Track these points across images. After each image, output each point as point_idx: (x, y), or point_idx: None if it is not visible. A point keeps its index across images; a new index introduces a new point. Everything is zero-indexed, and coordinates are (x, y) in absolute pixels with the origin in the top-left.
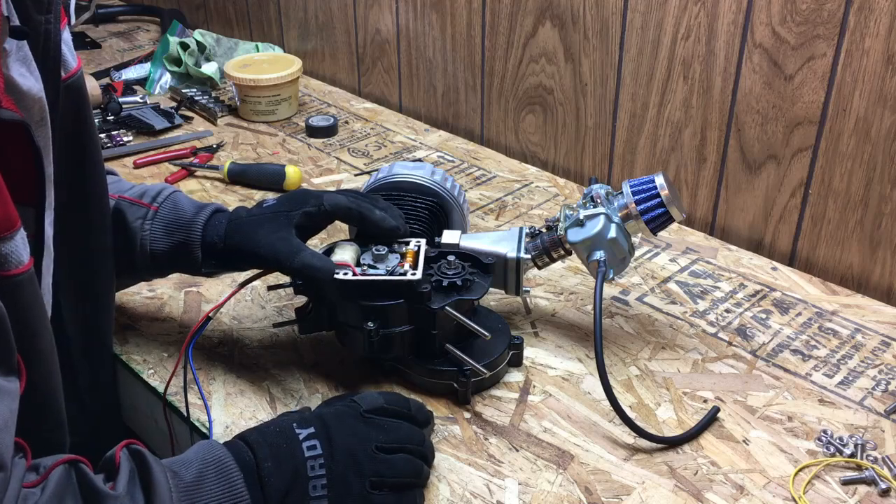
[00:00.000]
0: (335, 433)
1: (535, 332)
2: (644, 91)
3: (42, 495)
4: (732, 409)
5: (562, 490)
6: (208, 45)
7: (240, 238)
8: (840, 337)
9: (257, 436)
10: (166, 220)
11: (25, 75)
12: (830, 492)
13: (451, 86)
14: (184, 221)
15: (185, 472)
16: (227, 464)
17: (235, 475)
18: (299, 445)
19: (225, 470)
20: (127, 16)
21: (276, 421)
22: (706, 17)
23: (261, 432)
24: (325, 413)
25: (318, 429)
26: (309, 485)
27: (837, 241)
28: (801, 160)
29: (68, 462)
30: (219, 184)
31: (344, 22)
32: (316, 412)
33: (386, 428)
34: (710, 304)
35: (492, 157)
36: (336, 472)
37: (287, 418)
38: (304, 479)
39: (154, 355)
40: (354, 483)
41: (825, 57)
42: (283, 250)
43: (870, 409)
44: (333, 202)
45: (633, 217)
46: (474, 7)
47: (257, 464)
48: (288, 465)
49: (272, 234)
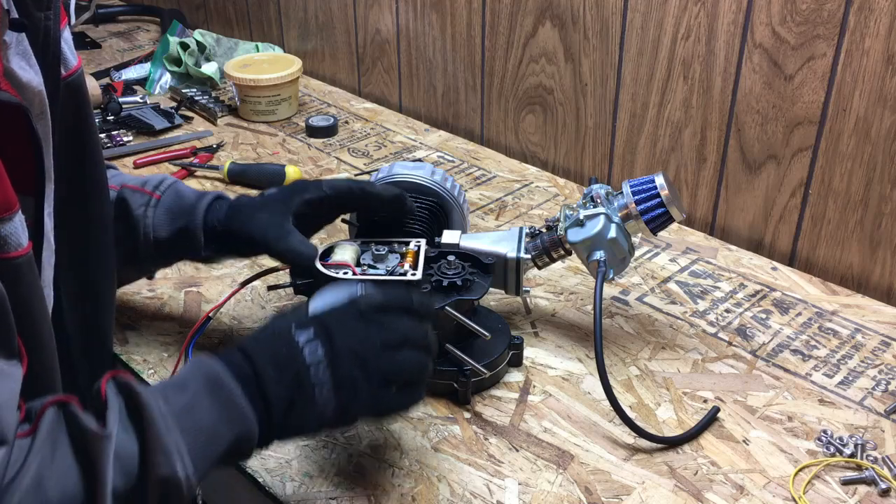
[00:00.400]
0: (336, 334)
1: (535, 332)
2: (644, 91)
3: (34, 444)
4: (732, 409)
5: (562, 490)
6: (208, 45)
7: (238, 222)
8: (840, 337)
9: (253, 344)
10: (169, 206)
11: (25, 68)
12: (830, 492)
13: (451, 86)
14: (186, 207)
15: (179, 396)
16: (224, 379)
17: (234, 390)
18: (300, 350)
19: (222, 386)
20: (127, 16)
21: (270, 325)
22: (706, 17)
23: (257, 340)
24: (324, 315)
25: (318, 331)
26: (315, 391)
27: (837, 241)
28: (801, 160)
29: (56, 404)
30: (219, 184)
31: (344, 22)
32: (312, 314)
33: (388, 325)
34: (710, 304)
35: (492, 157)
36: (341, 374)
37: (282, 321)
38: (308, 385)
39: (154, 355)
40: (361, 384)
41: (825, 57)
42: (272, 234)
43: (870, 409)
44: (332, 184)
45: (633, 217)
46: (474, 7)
47: (256, 374)
48: (290, 371)
49: (267, 218)
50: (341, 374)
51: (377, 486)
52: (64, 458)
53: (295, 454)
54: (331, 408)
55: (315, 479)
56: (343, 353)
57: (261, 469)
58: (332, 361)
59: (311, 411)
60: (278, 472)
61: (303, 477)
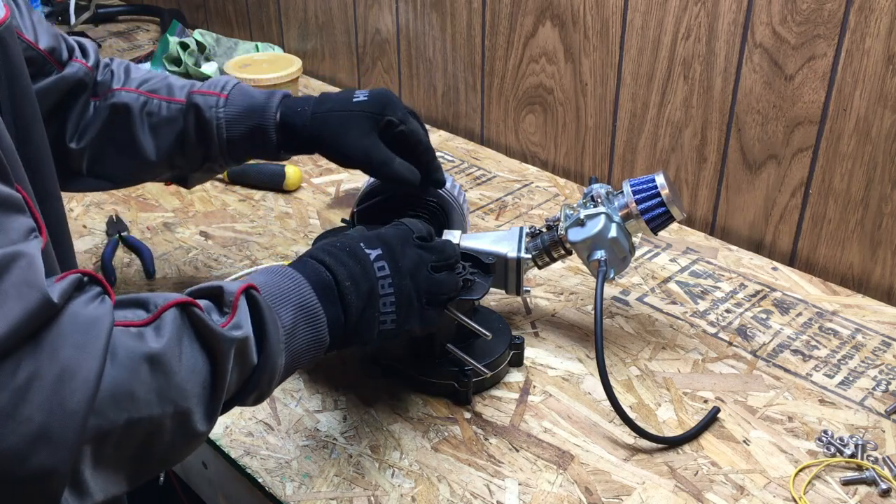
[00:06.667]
0: (399, 255)
1: (536, 332)
2: (644, 91)
3: (159, 337)
4: (733, 410)
5: (562, 490)
6: (208, 45)
7: (327, 132)
8: (840, 337)
9: (333, 260)
10: (238, 105)
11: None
12: (831, 492)
13: (451, 86)
14: (257, 106)
15: (285, 316)
16: (316, 311)
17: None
18: (371, 266)
19: (314, 316)
20: (127, 16)
21: (341, 242)
22: (706, 16)
23: (334, 256)
24: (386, 235)
25: (385, 251)
26: (380, 301)
27: (838, 241)
28: (801, 160)
29: (178, 305)
30: (219, 184)
31: (344, 22)
32: (375, 233)
33: (434, 250)
34: (711, 304)
35: (492, 157)
36: (401, 290)
37: (350, 239)
38: (377, 296)
39: None
40: (414, 300)
41: (825, 57)
42: (375, 156)
43: (870, 409)
44: (413, 128)
45: (634, 216)
46: (474, 7)
47: (338, 283)
48: (364, 285)
49: (363, 137)
50: (401, 291)
51: (377, 486)
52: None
53: (295, 454)
54: (390, 319)
55: (315, 479)
56: (403, 272)
57: (261, 469)
58: (395, 278)
59: (376, 319)
60: (278, 472)
61: (303, 477)
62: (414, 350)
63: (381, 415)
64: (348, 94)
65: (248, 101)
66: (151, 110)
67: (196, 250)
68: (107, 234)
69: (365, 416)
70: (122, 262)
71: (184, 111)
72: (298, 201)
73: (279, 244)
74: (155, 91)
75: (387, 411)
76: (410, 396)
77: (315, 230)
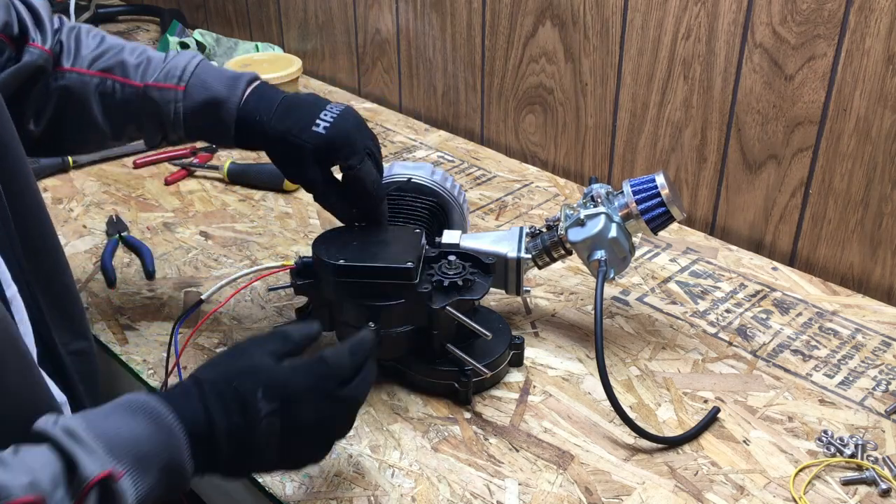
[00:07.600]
0: (299, 413)
1: (536, 332)
2: (644, 91)
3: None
4: (733, 410)
5: (562, 490)
6: (208, 45)
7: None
8: (840, 337)
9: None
10: (196, 100)
11: None
12: (831, 492)
13: (451, 86)
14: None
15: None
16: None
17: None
18: (258, 423)
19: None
20: (127, 16)
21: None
22: (706, 16)
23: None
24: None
25: (284, 407)
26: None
27: (838, 241)
28: (801, 160)
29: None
30: (219, 184)
31: (344, 22)
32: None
33: (350, 403)
34: (711, 304)
35: (492, 157)
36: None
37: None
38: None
39: (154, 355)
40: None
41: (825, 57)
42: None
43: (870, 409)
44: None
45: (634, 216)
46: (474, 7)
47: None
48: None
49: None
50: (290, 448)
51: (377, 486)
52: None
53: None
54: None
55: (315, 479)
56: (297, 432)
57: None
58: (284, 437)
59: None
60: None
61: (303, 477)
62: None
63: (381, 415)
64: (312, 115)
65: (207, 95)
66: (105, 91)
67: (196, 250)
68: (107, 234)
69: (365, 415)
70: (122, 262)
71: (140, 98)
72: (298, 201)
73: (279, 244)
74: (109, 70)
75: (387, 411)
76: (410, 396)
77: (315, 230)
